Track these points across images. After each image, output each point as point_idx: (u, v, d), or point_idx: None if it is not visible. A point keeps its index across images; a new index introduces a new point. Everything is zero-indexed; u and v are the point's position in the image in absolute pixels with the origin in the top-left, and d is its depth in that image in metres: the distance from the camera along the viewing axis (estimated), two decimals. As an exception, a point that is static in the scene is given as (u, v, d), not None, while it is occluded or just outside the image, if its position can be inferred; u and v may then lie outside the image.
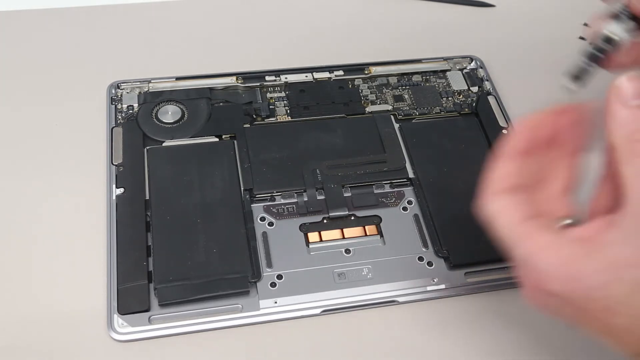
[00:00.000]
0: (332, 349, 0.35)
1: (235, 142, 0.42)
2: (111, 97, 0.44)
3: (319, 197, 0.40)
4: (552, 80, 0.50)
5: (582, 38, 0.54)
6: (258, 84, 0.46)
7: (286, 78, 0.47)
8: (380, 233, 0.39)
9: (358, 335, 0.36)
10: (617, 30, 0.28)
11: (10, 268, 0.37)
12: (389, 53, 0.50)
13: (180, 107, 0.44)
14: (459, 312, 0.37)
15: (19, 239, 0.38)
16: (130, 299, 0.35)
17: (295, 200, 0.40)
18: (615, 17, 0.29)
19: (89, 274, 0.36)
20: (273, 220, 0.39)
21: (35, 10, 0.51)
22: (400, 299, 0.37)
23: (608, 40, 0.28)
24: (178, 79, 0.46)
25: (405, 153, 0.43)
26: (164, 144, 0.42)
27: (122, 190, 0.39)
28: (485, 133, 0.45)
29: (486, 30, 0.54)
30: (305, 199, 0.40)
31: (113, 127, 0.43)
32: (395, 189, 0.41)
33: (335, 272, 0.37)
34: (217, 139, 0.43)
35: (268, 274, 0.37)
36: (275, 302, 0.36)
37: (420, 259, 0.38)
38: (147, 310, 0.35)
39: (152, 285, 0.35)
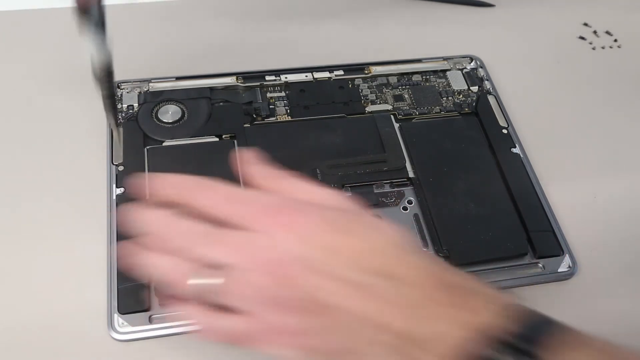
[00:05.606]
0: (332, 348, 0.35)
1: (235, 141, 0.42)
2: (111, 97, 0.44)
3: (319, 197, 0.40)
4: (552, 80, 0.51)
5: (582, 38, 0.54)
6: (258, 83, 0.46)
7: (286, 78, 0.47)
8: (380, 233, 0.39)
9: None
10: None
11: (11, 268, 0.37)
12: (389, 53, 0.51)
13: (180, 107, 0.44)
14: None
15: (20, 239, 0.38)
16: (131, 299, 0.35)
17: (295, 200, 0.40)
18: None
19: (89, 274, 0.36)
20: (273, 220, 0.39)
21: (35, 11, 0.51)
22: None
23: None
24: (178, 78, 0.46)
25: (405, 153, 0.43)
26: (164, 144, 0.42)
27: (122, 190, 0.39)
28: (485, 133, 0.45)
29: (486, 30, 0.54)
30: (306, 198, 0.40)
31: (113, 127, 0.43)
32: (395, 189, 0.41)
33: (336, 271, 0.37)
34: (217, 139, 0.43)
35: (268, 273, 0.37)
36: (276, 302, 0.36)
37: (420, 258, 0.38)
38: (147, 310, 0.35)
39: (152, 285, 0.35)
